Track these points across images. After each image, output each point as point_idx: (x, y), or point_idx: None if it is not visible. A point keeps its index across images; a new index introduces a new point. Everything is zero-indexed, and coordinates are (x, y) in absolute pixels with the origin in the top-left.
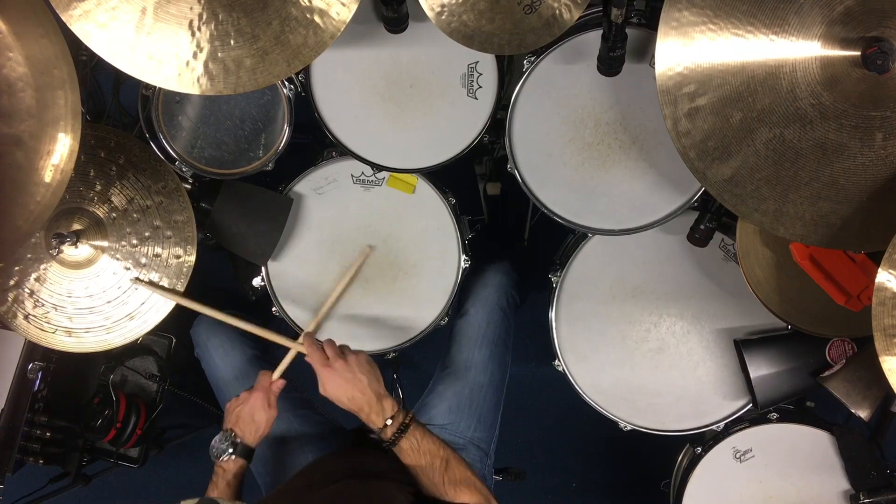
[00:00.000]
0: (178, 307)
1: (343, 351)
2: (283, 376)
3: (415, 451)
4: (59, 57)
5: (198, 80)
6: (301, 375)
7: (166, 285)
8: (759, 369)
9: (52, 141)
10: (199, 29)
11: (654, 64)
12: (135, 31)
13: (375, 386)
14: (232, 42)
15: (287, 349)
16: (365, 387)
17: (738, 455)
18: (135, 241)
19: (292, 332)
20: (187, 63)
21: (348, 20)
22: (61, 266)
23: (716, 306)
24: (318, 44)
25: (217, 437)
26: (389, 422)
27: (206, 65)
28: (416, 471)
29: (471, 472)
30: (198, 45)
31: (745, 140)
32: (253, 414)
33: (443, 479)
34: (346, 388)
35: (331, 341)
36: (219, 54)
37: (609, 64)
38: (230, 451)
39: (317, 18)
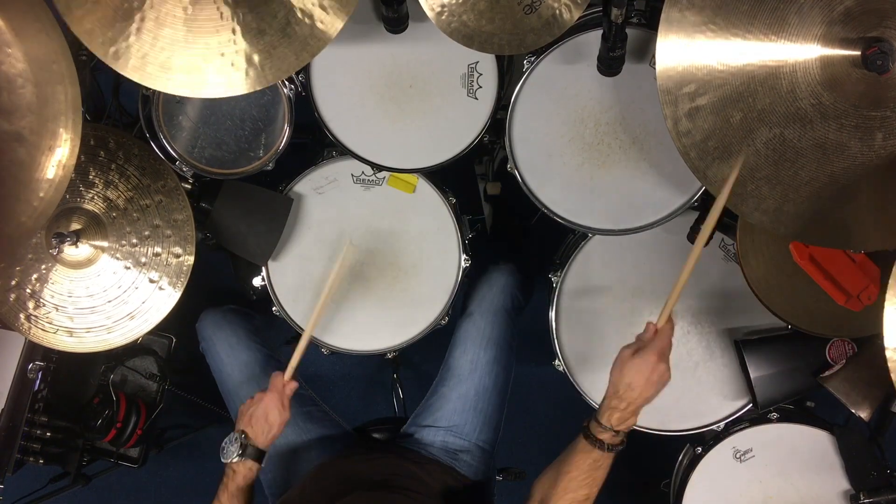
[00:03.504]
0: (178, 306)
1: None
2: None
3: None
4: (57, 52)
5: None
6: (305, 373)
7: (167, 285)
8: (759, 369)
9: (53, 136)
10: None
11: (654, 64)
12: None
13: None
14: (240, 40)
15: (291, 350)
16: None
17: (738, 455)
18: (134, 241)
19: (293, 331)
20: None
21: (351, 11)
22: (62, 266)
23: (716, 306)
24: (324, 35)
25: (227, 438)
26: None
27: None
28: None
29: None
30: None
31: (746, 140)
32: (267, 414)
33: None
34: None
35: None
36: (227, 53)
37: (609, 64)
38: (239, 452)
39: (320, 10)
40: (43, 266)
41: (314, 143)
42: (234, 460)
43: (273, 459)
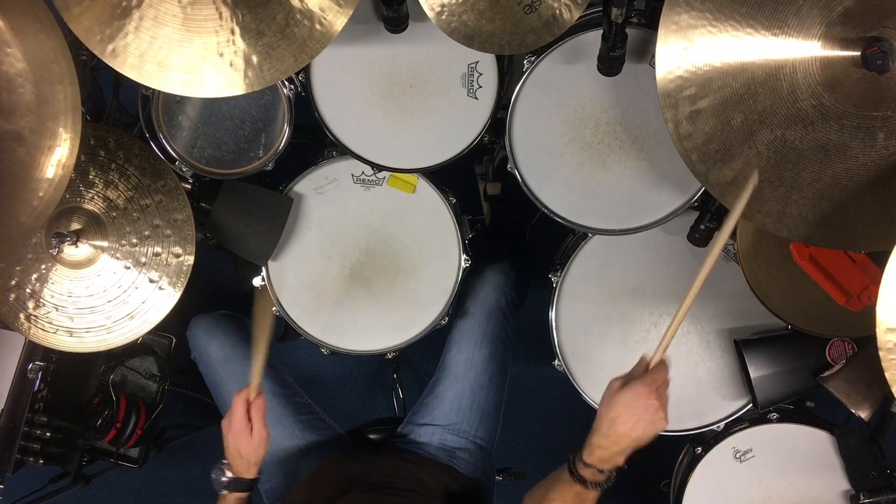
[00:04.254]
0: (178, 306)
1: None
2: (281, 382)
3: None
4: (56, 52)
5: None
6: (304, 374)
7: (166, 285)
8: (759, 369)
9: (53, 136)
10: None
11: (654, 64)
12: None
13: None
14: (239, 40)
15: (285, 348)
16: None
17: (738, 455)
18: (135, 241)
19: (293, 332)
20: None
21: (350, 13)
22: (62, 266)
23: (716, 306)
24: (324, 36)
25: (216, 469)
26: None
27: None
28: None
29: None
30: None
31: (747, 142)
32: (238, 449)
33: None
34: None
35: None
36: (227, 53)
37: (609, 64)
38: (226, 485)
39: (320, 11)
40: (43, 266)
41: (314, 143)
42: (224, 493)
43: (272, 469)
